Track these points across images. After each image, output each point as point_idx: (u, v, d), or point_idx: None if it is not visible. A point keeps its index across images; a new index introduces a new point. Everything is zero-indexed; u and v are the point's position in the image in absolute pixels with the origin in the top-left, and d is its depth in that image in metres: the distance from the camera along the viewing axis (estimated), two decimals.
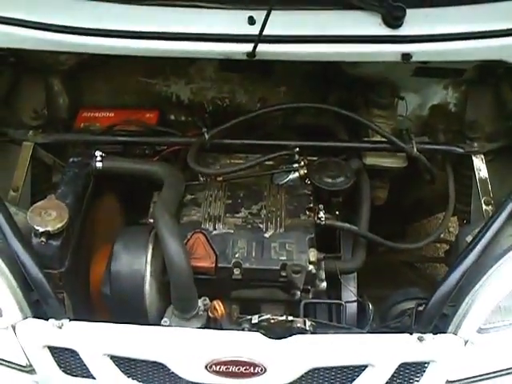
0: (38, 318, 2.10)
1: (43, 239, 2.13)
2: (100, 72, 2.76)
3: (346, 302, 2.30)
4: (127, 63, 2.63)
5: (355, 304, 2.35)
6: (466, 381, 2.13)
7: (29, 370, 2.15)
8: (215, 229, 2.29)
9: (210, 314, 2.16)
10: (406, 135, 2.59)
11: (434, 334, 2.07)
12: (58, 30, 2.32)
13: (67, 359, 2.12)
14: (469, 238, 2.24)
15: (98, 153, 2.41)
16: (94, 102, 2.79)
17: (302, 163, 2.50)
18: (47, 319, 2.08)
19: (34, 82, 2.67)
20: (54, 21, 2.33)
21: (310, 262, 2.21)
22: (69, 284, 2.23)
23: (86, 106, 2.76)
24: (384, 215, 2.68)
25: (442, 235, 2.73)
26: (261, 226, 2.31)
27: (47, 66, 2.65)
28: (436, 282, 2.19)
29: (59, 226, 2.13)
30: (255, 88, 2.80)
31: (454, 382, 2.13)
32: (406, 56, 2.30)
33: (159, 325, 2.15)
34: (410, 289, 2.34)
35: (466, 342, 2.08)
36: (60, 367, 2.13)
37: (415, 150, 2.50)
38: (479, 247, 2.12)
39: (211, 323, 2.17)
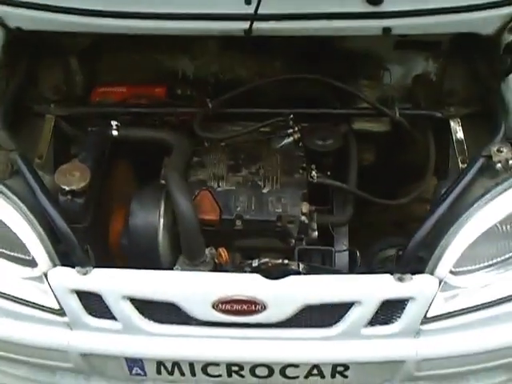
0: (66, 266, 2.38)
1: (69, 197, 2.44)
2: (112, 52, 3.01)
3: (336, 251, 2.59)
4: (137, 43, 2.88)
5: (346, 253, 2.65)
6: (441, 316, 2.40)
7: (60, 312, 2.43)
8: (219, 186, 2.61)
9: (216, 261, 2.45)
10: (390, 102, 2.87)
11: (412, 274, 2.33)
12: (76, 12, 2.59)
13: (92, 302, 2.39)
14: (444, 191, 2.48)
15: (113, 122, 2.70)
16: (107, 78, 3.04)
17: (296, 128, 2.76)
18: (74, 267, 2.36)
19: (54, 61, 2.92)
20: (72, 4, 2.59)
21: (303, 214, 2.53)
22: (91, 237, 2.53)
23: (100, 82, 3.02)
24: (374, 180, 2.94)
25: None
26: (259, 183, 2.62)
27: (65, 47, 2.90)
28: None
29: (83, 184, 2.44)
30: (253, 63, 3.05)
31: (431, 318, 2.39)
32: (386, 30, 2.56)
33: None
34: (391, 237, 2.63)
35: (440, 282, 2.35)
36: (86, 309, 2.40)
37: (397, 114, 2.76)
38: (451, 197, 2.37)
39: (217, 269, 2.45)
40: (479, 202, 2.36)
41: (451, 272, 2.37)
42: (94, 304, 2.41)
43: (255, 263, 2.46)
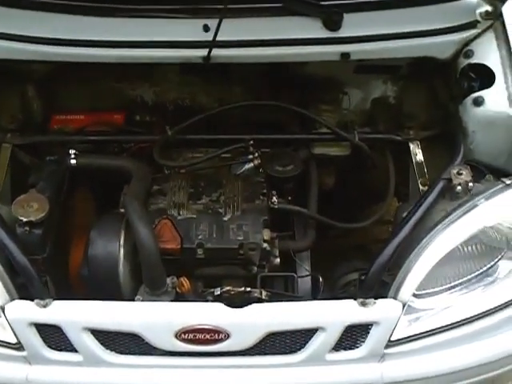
0: (25, 299, 2.31)
1: (27, 228, 2.40)
2: (70, 78, 2.97)
3: (298, 277, 2.58)
4: (96, 70, 2.85)
5: (309, 278, 2.63)
6: (405, 339, 2.38)
7: (17, 347, 2.34)
8: (180, 214, 2.57)
9: (177, 290, 2.42)
10: (349, 127, 2.88)
11: (375, 298, 2.31)
12: (34, 41, 2.57)
13: (52, 335, 2.32)
14: (404, 215, 2.48)
15: (71, 151, 2.65)
16: (66, 105, 3.02)
17: (256, 154, 2.74)
18: (33, 300, 2.29)
19: (10, 89, 2.87)
20: (31, 33, 2.58)
21: (265, 241, 2.51)
22: (50, 268, 2.48)
23: (58, 109, 2.98)
24: (335, 203, 2.97)
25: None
26: (220, 210, 2.60)
27: (21, 74, 2.86)
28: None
29: (41, 216, 2.41)
30: (213, 89, 3.03)
31: (395, 341, 2.37)
32: (345, 55, 2.59)
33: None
34: (354, 261, 2.62)
35: (404, 305, 2.33)
36: (45, 342, 2.33)
37: (357, 139, 2.77)
38: (413, 220, 2.38)
39: (179, 298, 2.41)
40: (440, 224, 2.36)
41: (414, 295, 2.37)
42: (54, 337, 2.34)
43: (217, 292, 2.43)
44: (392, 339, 2.37)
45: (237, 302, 2.33)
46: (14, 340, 2.35)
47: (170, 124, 2.83)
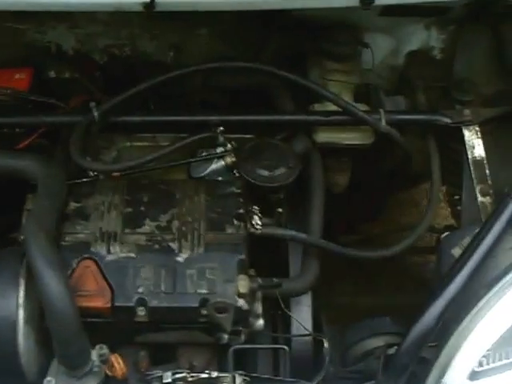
0: None
1: None
2: None
3: (294, 336, 2.35)
4: None
5: (309, 340, 2.38)
6: None
7: None
8: (110, 252, 2.29)
9: (107, 372, 2.16)
10: (373, 100, 2.67)
11: None
12: None
13: None
14: (456, 251, 2.26)
15: None
16: None
17: (229, 147, 2.50)
18: None
19: None
20: None
21: (240, 295, 2.22)
22: None
23: None
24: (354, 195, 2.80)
25: None
26: (172, 245, 2.31)
27: None
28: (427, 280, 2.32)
29: None
30: (165, 31, 2.79)
31: None
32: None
33: None
34: (377, 320, 2.38)
35: None
36: None
37: (383, 122, 2.51)
38: (468, 269, 2.12)
39: (111, 381, 2.18)
40: (510, 274, 2.13)
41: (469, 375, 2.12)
42: None
43: (167, 378, 2.16)
44: None
45: None
46: None
47: (100, 85, 2.73)
